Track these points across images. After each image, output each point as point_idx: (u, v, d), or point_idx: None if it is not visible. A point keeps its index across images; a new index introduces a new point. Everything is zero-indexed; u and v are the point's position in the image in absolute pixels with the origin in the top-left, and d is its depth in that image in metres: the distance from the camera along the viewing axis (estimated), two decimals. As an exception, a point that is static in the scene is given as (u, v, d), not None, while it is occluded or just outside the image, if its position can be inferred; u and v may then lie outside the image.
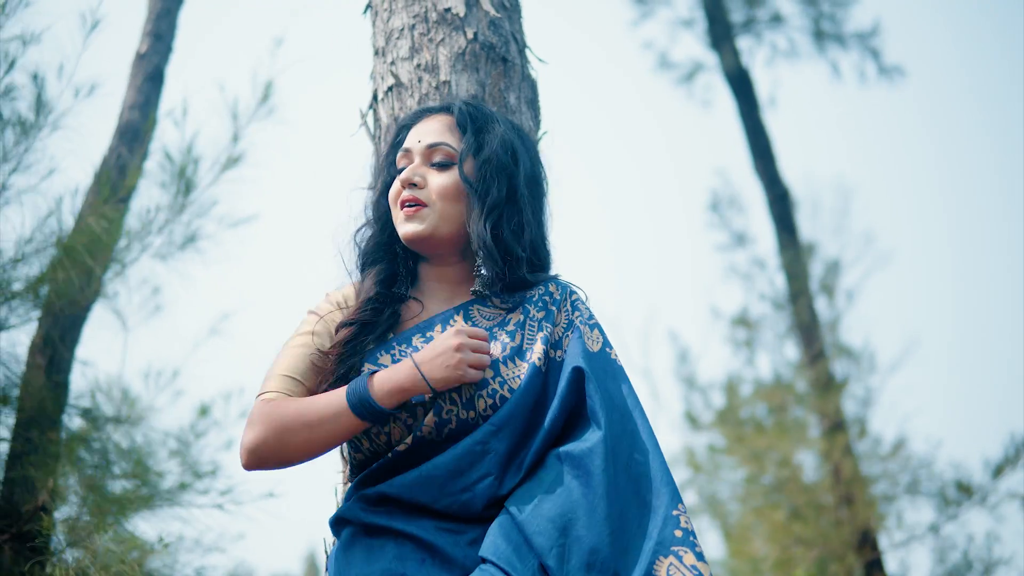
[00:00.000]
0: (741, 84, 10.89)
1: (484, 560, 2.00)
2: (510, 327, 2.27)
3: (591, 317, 2.32)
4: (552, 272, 2.44)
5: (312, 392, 2.23)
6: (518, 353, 2.23)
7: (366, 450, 2.24)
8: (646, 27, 12.13)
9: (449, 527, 2.10)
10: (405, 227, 2.33)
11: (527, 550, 1.99)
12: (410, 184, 2.33)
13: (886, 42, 11.40)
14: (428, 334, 2.28)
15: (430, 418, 2.14)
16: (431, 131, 2.39)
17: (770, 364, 10.23)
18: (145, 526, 4.40)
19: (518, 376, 2.19)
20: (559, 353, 2.24)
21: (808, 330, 9.91)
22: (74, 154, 5.05)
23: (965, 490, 8.88)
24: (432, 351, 2.14)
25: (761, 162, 10.64)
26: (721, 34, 10.97)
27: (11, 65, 4.35)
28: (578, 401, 2.17)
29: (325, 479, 2.88)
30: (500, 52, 3.01)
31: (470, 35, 2.99)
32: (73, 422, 4.73)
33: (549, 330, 2.26)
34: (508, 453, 2.13)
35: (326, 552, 2.58)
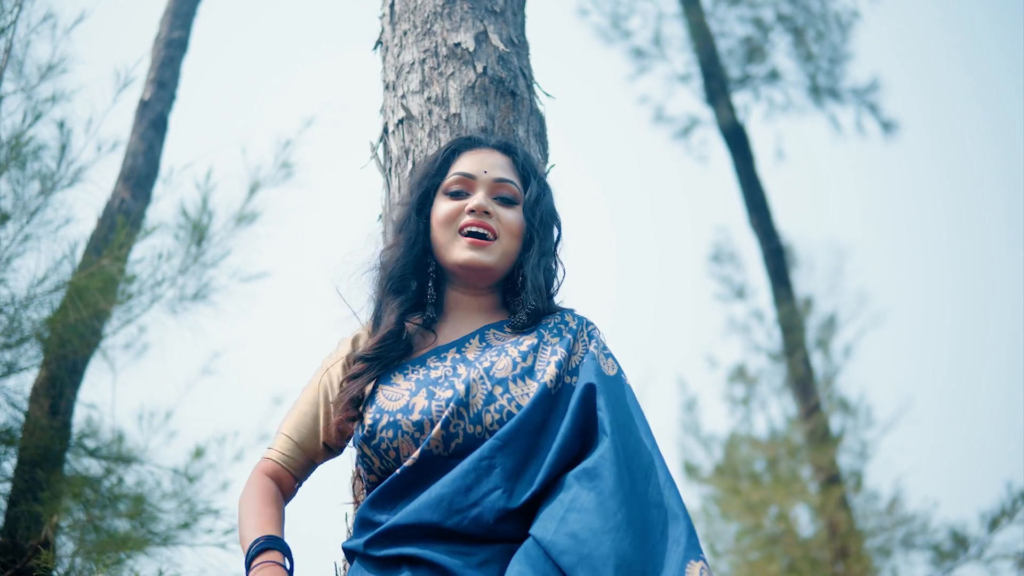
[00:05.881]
0: (736, 139, 10.97)
1: None
2: (523, 347, 2.32)
3: (606, 347, 2.36)
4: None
5: (311, 453, 2.41)
6: (528, 373, 2.27)
7: (378, 469, 2.25)
8: (643, 81, 12.34)
9: (460, 549, 2.08)
10: (468, 254, 2.41)
11: (557, 574, 1.98)
12: (483, 212, 2.42)
13: (885, 97, 11.47)
14: (443, 355, 2.34)
15: (437, 431, 2.16)
16: (496, 165, 2.51)
17: (766, 418, 10.24)
18: (148, 563, 4.38)
19: (526, 394, 2.22)
20: (574, 379, 2.27)
21: (804, 383, 9.93)
22: (92, 206, 5.18)
23: (961, 543, 8.87)
24: None
25: (756, 216, 10.70)
26: (717, 89, 11.07)
27: (37, 118, 4.44)
28: (590, 420, 2.19)
29: (331, 516, 2.88)
30: (509, 86, 3.07)
31: (480, 69, 3.05)
32: (77, 462, 4.73)
33: (564, 356, 2.30)
34: (516, 468, 2.13)
35: None
